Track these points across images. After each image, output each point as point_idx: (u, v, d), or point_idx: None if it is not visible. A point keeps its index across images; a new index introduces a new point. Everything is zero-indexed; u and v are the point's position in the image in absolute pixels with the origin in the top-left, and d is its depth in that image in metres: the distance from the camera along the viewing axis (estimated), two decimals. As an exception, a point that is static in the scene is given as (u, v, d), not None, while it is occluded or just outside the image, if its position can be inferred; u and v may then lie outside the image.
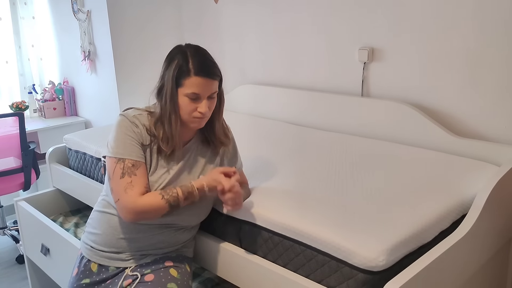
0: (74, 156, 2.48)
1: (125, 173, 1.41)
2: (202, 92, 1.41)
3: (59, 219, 2.51)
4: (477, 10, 1.89)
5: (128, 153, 1.42)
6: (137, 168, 1.42)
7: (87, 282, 1.52)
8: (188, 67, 1.40)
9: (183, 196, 1.42)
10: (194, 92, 1.40)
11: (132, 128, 1.45)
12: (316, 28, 2.50)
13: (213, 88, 1.44)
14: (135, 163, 1.42)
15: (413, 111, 2.09)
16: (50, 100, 3.67)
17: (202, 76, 1.40)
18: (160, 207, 1.40)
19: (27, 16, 3.72)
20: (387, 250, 1.22)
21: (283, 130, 2.43)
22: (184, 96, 1.41)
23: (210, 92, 1.43)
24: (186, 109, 1.43)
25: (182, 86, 1.41)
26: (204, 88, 1.41)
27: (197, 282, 1.83)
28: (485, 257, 1.58)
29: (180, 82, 1.41)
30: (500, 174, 1.56)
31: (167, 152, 1.46)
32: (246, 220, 1.52)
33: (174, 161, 1.50)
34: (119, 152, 1.42)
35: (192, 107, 1.42)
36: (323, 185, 1.65)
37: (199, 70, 1.40)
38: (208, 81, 1.41)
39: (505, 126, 1.89)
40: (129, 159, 1.42)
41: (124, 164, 1.41)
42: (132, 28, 3.11)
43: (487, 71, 1.91)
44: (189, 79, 1.40)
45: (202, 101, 1.42)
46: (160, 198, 1.40)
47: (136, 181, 1.41)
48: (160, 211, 1.41)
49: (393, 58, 2.21)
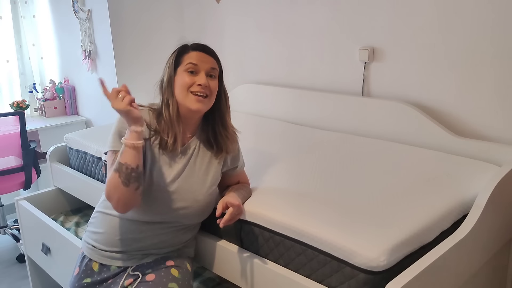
0: (75, 155, 2.48)
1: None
2: (200, 63, 1.45)
3: (59, 218, 2.51)
4: (477, 9, 1.89)
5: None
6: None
7: (88, 282, 1.52)
8: (187, 47, 1.49)
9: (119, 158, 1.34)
10: (192, 62, 1.44)
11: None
12: (317, 27, 2.50)
13: (212, 64, 1.47)
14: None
15: (413, 111, 2.09)
16: (51, 99, 3.67)
17: (200, 50, 1.47)
18: (111, 177, 1.34)
19: (27, 15, 3.72)
20: (388, 250, 1.22)
21: (283, 129, 2.43)
22: (183, 71, 1.45)
23: (209, 66, 1.46)
24: (186, 84, 1.43)
25: (181, 63, 1.46)
26: (201, 60, 1.45)
27: (198, 282, 1.83)
28: (486, 257, 1.58)
29: (179, 60, 1.47)
30: (501, 174, 1.56)
31: (169, 143, 1.45)
32: (247, 220, 1.52)
33: (177, 157, 1.49)
34: (114, 145, 1.43)
35: (191, 80, 1.44)
36: (324, 185, 1.65)
37: (197, 46, 1.48)
38: (206, 56, 1.47)
39: (506, 125, 1.89)
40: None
41: (117, 155, 1.39)
42: (133, 27, 3.11)
43: (488, 70, 1.91)
44: (187, 54, 1.47)
45: (200, 74, 1.44)
46: (113, 172, 1.35)
47: None
48: (113, 180, 1.33)
49: (393, 58, 2.21)
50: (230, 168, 1.61)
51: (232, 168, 1.62)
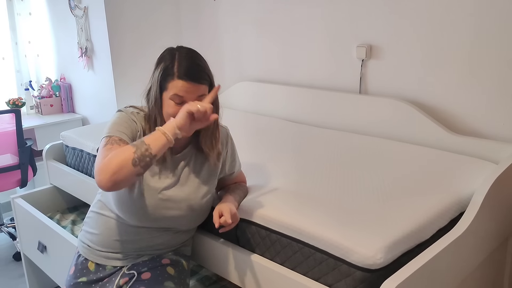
0: (71, 153, 2.47)
1: (109, 143, 1.35)
2: (186, 95, 1.35)
3: (56, 217, 2.50)
4: (475, 7, 1.88)
5: (119, 133, 1.38)
6: (123, 143, 1.36)
7: (84, 281, 1.52)
8: (173, 70, 1.36)
9: (149, 140, 1.28)
10: (177, 94, 1.35)
11: (128, 122, 1.42)
12: (314, 25, 2.50)
13: (198, 92, 1.37)
14: (122, 139, 1.37)
15: (411, 108, 2.09)
16: (47, 97, 3.65)
17: (186, 80, 1.34)
18: (123, 150, 1.27)
19: (23, 12, 3.69)
20: (385, 248, 1.22)
21: (280, 127, 2.43)
22: (169, 99, 1.37)
23: (195, 96, 1.36)
24: (171, 113, 1.36)
25: (166, 90, 1.37)
26: (188, 92, 1.35)
27: (195, 280, 1.83)
28: (483, 255, 1.58)
29: (164, 85, 1.38)
30: (498, 172, 1.56)
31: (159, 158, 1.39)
32: (244, 218, 1.52)
33: (171, 166, 1.47)
34: (110, 131, 1.39)
35: (176, 111, 1.33)
36: (321, 183, 1.65)
37: (183, 73, 1.35)
38: (193, 86, 1.35)
39: (503, 123, 1.89)
40: (116, 136, 1.37)
41: (111, 138, 1.37)
42: (130, 24, 3.10)
43: (485, 68, 1.90)
44: (172, 82, 1.35)
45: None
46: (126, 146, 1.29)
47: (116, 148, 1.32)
48: (124, 154, 1.25)
49: (391, 56, 2.20)
50: (227, 174, 1.61)
51: (229, 174, 1.61)
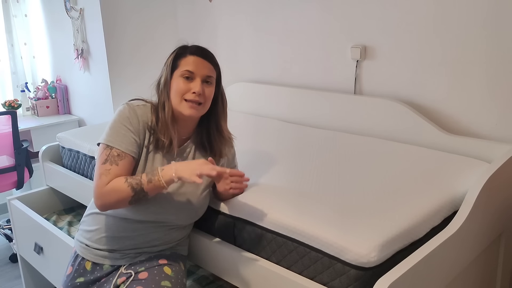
0: (68, 154, 2.47)
1: (108, 160, 1.39)
2: (196, 70, 1.42)
3: (52, 218, 2.51)
4: (468, 7, 1.90)
5: (118, 143, 1.41)
6: (121, 159, 1.40)
7: (81, 281, 1.52)
8: (185, 50, 1.46)
9: (146, 179, 1.35)
10: (188, 69, 1.42)
11: (130, 119, 1.43)
12: (309, 26, 2.51)
13: (209, 71, 1.45)
14: (121, 154, 1.40)
15: (405, 108, 2.10)
16: (43, 98, 3.65)
17: (197, 55, 1.44)
18: (123, 190, 1.35)
19: (19, 14, 3.69)
20: (378, 246, 1.23)
21: (275, 127, 2.44)
22: (179, 76, 1.43)
23: (205, 73, 1.44)
24: (181, 90, 1.42)
25: (178, 68, 1.44)
26: (198, 66, 1.43)
27: (192, 280, 1.84)
28: (476, 252, 1.59)
29: (176, 64, 1.45)
30: (491, 171, 1.58)
31: (165, 144, 1.44)
32: (240, 217, 1.53)
33: (172, 159, 1.48)
34: (110, 140, 1.41)
35: (186, 87, 1.42)
36: (315, 183, 1.66)
37: (195, 50, 1.45)
38: (203, 61, 1.44)
39: (496, 123, 1.91)
40: (116, 148, 1.40)
41: (111, 151, 1.40)
42: (125, 26, 3.11)
43: (479, 68, 1.92)
44: (184, 59, 1.44)
45: (196, 81, 1.43)
46: (124, 181, 1.36)
47: (114, 171, 1.38)
48: (122, 194, 1.35)
49: (385, 56, 2.22)
50: None
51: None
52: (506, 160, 1.66)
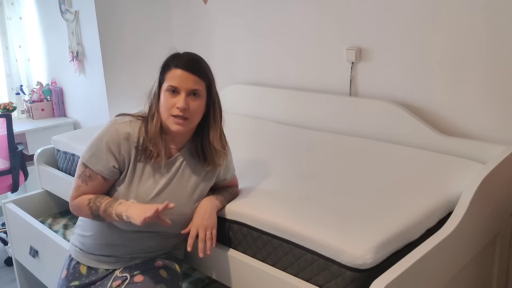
0: (63, 157, 2.46)
1: (80, 176, 1.46)
2: (180, 84, 1.37)
3: (47, 221, 2.49)
4: (463, 9, 1.91)
5: (92, 163, 1.44)
6: (92, 181, 1.45)
7: (76, 284, 1.52)
8: (172, 62, 1.41)
9: (103, 207, 1.40)
10: (172, 84, 1.38)
11: (112, 140, 1.42)
12: (304, 28, 2.51)
13: (194, 84, 1.38)
14: (92, 175, 1.44)
15: (400, 110, 2.11)
16: (38, 101, 3.64)
17: (181, 68, 1.38)
18: (84, 210, 1.45)
19: (14, 17, 3.68)
20: (374, 248, 1.23)
21: (271, 129, 2.44)
22: (165, 91, 1.40)
23: (189, 87, 1.38)
24: (166, 105, 1.39)
25: (164, 81, 1.41)
26: (182, 81, 1.37)
27: (187, 283, 1.83)
28: (471, 254, 1.60)
29: (163, 77, 1.42)
30: (485, 172, 1.58)
31: (153, 155, 1.43)
32: (235, 220, 1.53)
33: (163, 170, 1.47)
34: (86, 159, 1.45)
35: (171, 103, 1.38)
36: (311, 184, 1.66)
37: (180, 63, 1.39)
38: (188, 75, 1.38)
39: (490, 124, 1.92)
40: (90, 169, 1.44)
41: (85, 170, 1.45)
42: (121, 28, 3.10)
43: (474, 70, 1.93)
44: (169, 72, 1.40)
45: (180, 96, 1.38)
46: (87, 203, 1.44)
47: (83, 189, 1.46)
48: (83, 213, 1.47)
49: (380, 58, 2.23)
50: (221, 179, 1.61)
51: (222, 179, 1.61)
52: (501, 161, 1.67)
